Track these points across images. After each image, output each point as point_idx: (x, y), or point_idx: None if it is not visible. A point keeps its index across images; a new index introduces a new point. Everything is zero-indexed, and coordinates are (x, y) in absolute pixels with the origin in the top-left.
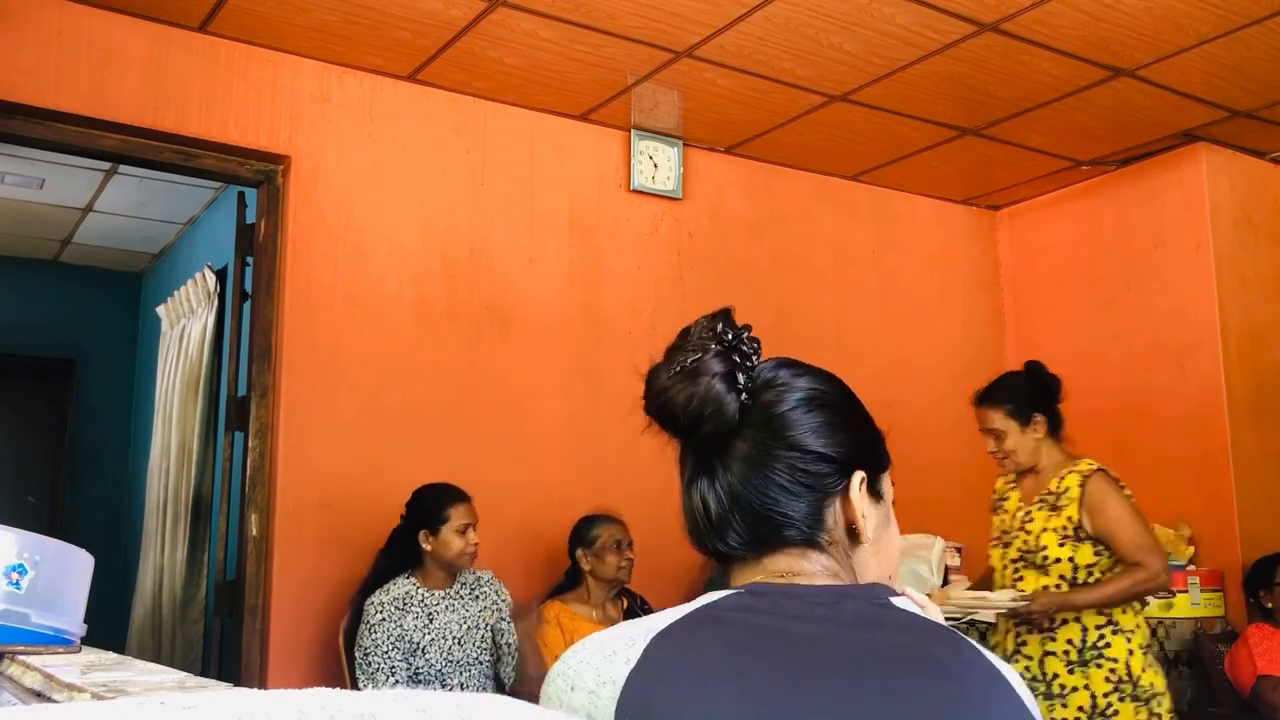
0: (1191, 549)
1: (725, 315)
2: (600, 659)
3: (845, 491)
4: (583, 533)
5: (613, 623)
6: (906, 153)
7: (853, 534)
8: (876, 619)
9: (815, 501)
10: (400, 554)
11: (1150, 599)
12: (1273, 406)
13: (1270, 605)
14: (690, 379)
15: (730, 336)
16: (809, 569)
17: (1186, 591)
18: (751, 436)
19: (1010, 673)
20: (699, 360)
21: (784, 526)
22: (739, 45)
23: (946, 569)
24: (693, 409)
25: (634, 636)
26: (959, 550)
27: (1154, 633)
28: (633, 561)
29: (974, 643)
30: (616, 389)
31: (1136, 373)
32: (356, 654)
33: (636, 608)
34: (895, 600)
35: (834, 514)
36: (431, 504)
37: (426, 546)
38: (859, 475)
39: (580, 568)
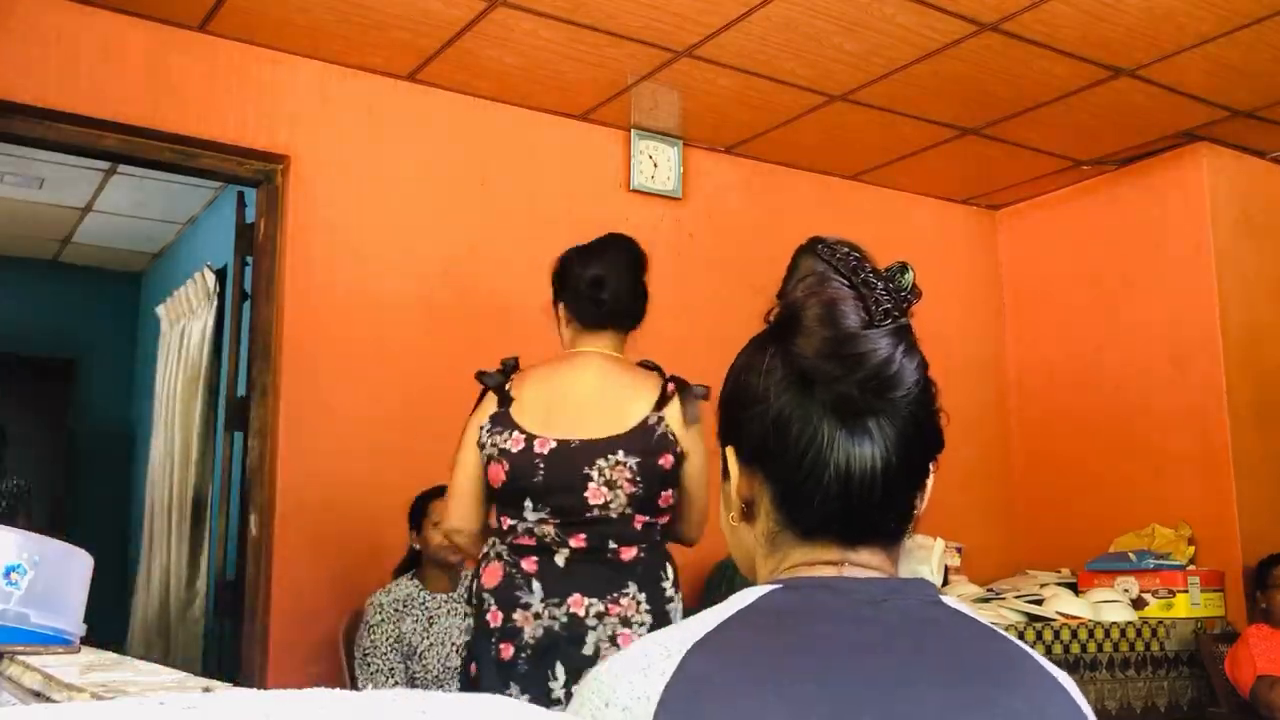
0: (1191, 549)
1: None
2: (635, 672)
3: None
4: None
5: None
6: (906, 153)
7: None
8: (927, 619)
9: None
10: (408, 560)
11: (1150, 598)
12: (1273, 407)
13: (1264, 605)
14: (898, 336)
15: (912, 298)
16: (860, 559)
17: (1187, 591)
18: (912, 412)
19: (1066, 680)
20: (903, 318)
21: (904, 519)
22: (739, 45)
23: (946, 569)
24: (897, 370)
25: (670, 647)
26: (959, 550)
27: (1138, 633)
28: None
29: (1029, 648)
30: None
31: (1137, 372)
32: (356, 654)
33: None
34: (945, 599)
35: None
36: (417, 503)
37: (415, 546)
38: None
39: None
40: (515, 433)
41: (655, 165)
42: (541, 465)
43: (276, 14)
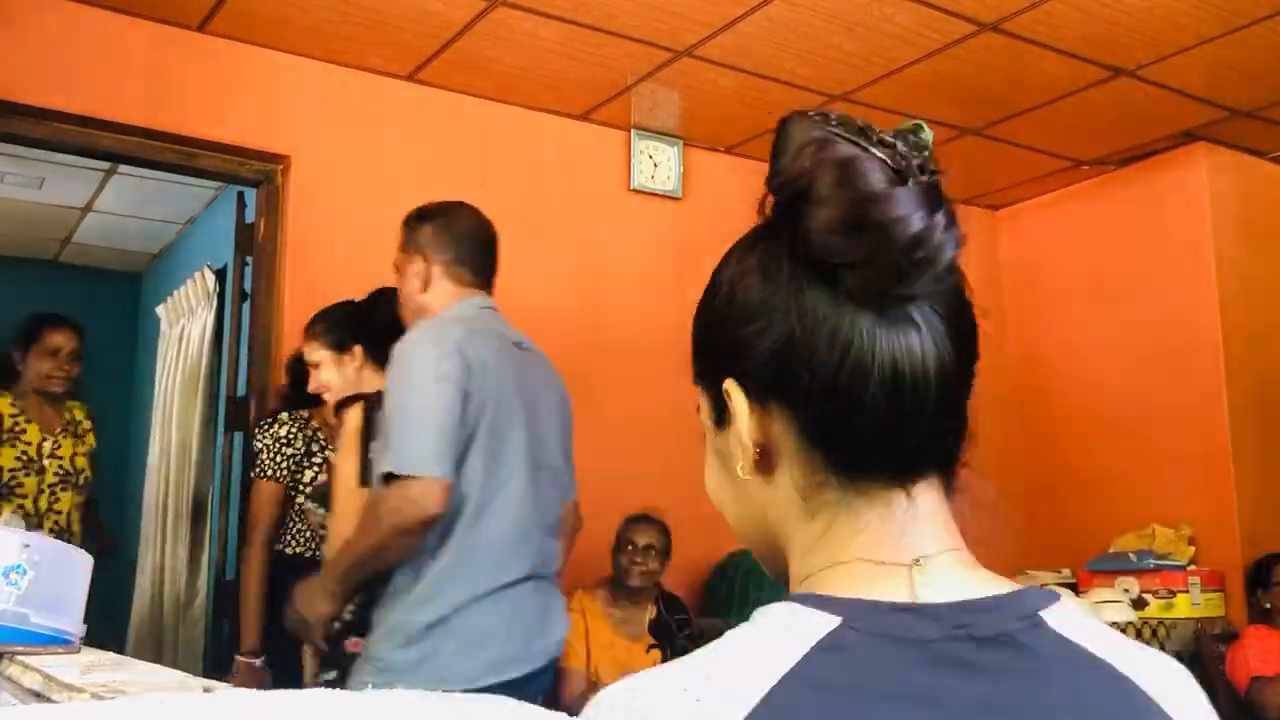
0: (1192, 549)
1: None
2: (689, 704)
3: None
4: (618, 530)
5: (632, 626)
6: None
7: None
8: (1028, 661)
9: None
10: None
11: (1150, 598)
12: (1273, 407)
13: (1269, 605)
14: (933, 198)
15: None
16: (922, 529)
17: (1187, 591)
18: (959, 297)
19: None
20: (937, 180)
21: (960, 439)
22: (739, 45)
23: None
24: (939, 241)
25: (714, 707)
26: None
27: (1138, 633)
28: (643, 565)
29: (1162, 701)
30: (616, 389)
31: (1137, 372)
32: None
33: (665, 615)
34: (1049, 618)
35: None
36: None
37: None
38: None
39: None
40: None
41: (655, 165)
42: None
43: (276, 14)
